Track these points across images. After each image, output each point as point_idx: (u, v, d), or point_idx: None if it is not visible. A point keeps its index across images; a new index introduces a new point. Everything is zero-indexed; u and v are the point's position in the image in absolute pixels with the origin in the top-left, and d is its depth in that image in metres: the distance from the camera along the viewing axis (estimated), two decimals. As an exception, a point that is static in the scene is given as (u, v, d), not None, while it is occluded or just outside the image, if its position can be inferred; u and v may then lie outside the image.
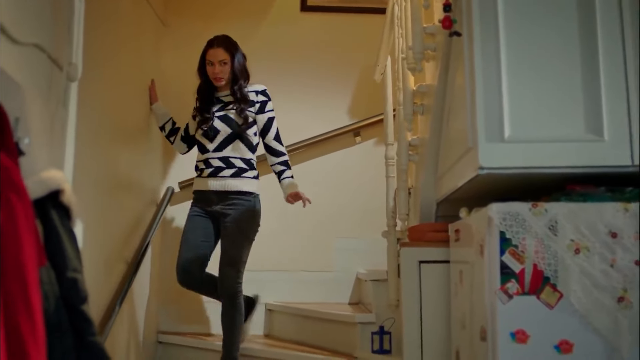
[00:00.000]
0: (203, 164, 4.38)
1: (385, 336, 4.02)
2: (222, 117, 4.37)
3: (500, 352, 2.56)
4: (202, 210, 4.36)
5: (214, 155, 4.34)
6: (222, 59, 4.36)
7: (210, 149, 4.35)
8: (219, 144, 4.33)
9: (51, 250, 1.83)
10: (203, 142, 4.38)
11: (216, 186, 4.31)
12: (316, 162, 5.49)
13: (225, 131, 4.32)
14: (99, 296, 3.39)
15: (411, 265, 3.36)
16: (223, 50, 4.37)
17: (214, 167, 4.32)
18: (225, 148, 4.33)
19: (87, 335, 1.89)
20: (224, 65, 4.36)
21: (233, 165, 4.32)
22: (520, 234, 2.57)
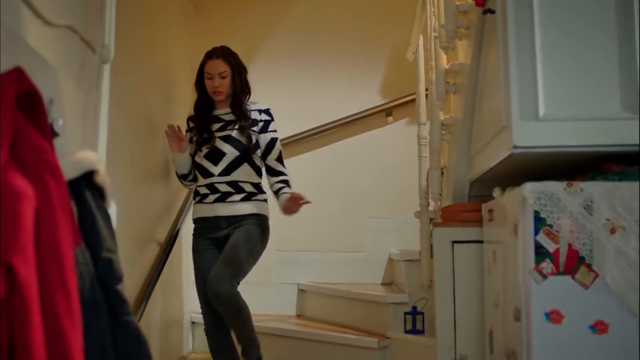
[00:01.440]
0: (206, 188, 3.93)
1: (418, 316, 4.02)
2: (225, 137, 3.94)
3: (534, 332, 2.55)
4: (209, 240, 3.89)
5: (221, 180, 3.90)
6: (222, 71, 3.96)
7: (215, 173, 3.90)
8: (225, 167, 3.90)
9: (86, 230, 1.84)
10: (206, 166, 3.93)
11: (226, 212, 3.88)
12: (347, 143, 5.47)
13: (232, 153, 3.90)
14: (133, 277, 3.42)
15: (444, 245, 3.35)
16: (223, 61, 3.97)
17: (222, 192, 3.90)
18: (233, 172, 3.90)
19: (122, 315, 1.90)
20: (223, 78, 3.96)
21: (242, 189, 3.90)
22: (554, 214, 2.54)
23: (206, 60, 3.99)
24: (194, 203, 4.01)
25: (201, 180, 3.94)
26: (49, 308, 1.46)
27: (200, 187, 3.95)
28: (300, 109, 5.43)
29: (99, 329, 1.80)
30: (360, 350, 4.26)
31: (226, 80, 3.96)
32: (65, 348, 1.46)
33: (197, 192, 3.98)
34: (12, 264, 1.37)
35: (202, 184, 3.93)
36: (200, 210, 3.94)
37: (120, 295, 1.91)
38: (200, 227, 3.92)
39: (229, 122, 3.99)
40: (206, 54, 4.01)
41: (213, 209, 3.88)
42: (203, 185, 3.93)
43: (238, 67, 4.01)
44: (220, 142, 3.92)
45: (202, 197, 3.92)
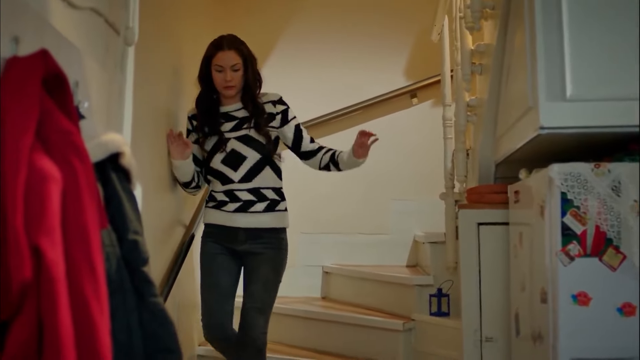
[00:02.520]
0: (225, 195, 3.59)
1: (443, 298, 4.01)
2: (242, 138, 3.58)
3: (561, 314, 2.53)
4: (224, 247, 3.61)
5: (242, 187, 3.55)
6: (234, 63, 3.56)
7: (235, 179, 3.55)
8: (246, 172, 3.55)
9: (112, 212, 1.85)
10: (224, 172, 3.57)
11: (246, 223, 3.55)
12: (372, 125, 5.43)
13: (253, 157, 3.56)
14: (159, 259, 3.43)
15: (469, 227, 3.34)
16: (235, 53, 3.57)
17: (243, 200, 3.55)
18: (254, 177, 3.56)
19: (148, 296, 1.91)
20: (236, 71, 3.57)
21: (265, 197, 3.57)
22: (582, 195, 2.52)
23: (215, 52, 3.57)
24: (207, 207, 3.67)
25: (218, 186, 3.60)
26: (76, 290, 1.46)
27: (217, 192, 3.61)
28: (324, 91, 5.41)
29: (125, 311, 1.81)
30: (385, 332, 4.26)
31: (238, 73, 3.57)
32: (93, 330, 1.47)
33: (213, 197, 3.64)
34: (39, 246, 1.38)
35: (220, 189, 3.59)
36: (217, 217, 3.61)
37: (147, 277, 1.91)
38: (216, 233, 3.61)
39: (243, 119, 3.60)
40: (213, 44, 3.61)
41: (232, 218, 3.56)
42: (221, 192, 3.59)
43: (250, 57, 3.62)
44: (238, 144, 3.56)
45: (220, 204, 3.59)
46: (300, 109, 5.26)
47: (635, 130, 2.55)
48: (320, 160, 3.71)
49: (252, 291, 3.51)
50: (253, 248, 3.53)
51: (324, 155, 3.71)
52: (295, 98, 5.33)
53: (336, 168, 3.70)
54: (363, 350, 4.33)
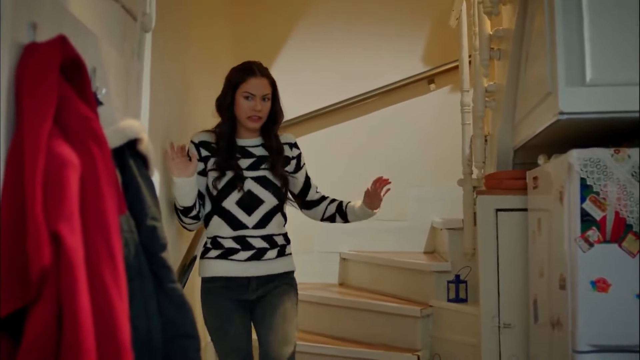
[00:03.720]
0: (234, 242, 3.15)
1: (461, 285, 4.01)
2: (259, 179, 3.18)
3: (580, 300, 2.52)
4: (235, 302, 3.17)
5: (256, 233, 3.16)
6: (266, 93, 3.19)
7: (249, 225, 3.15)
8: (261, 218, 3.16)
9: (130, 198, 1.85)
10: (237, 215, 3.15)
11: (259, 271, 3.17)
12: (389, 111, 5.44)
13: (270, 202, 3.18)
14: (177, 245, 3.44)
15: (488, 214, 3.33)
16: (267, 81, 3.20)
17: (256, 248, 3.16)
18: (268, 223, 3.18)
19: (166, 282, 1.91)
20: (266, 101, 3.19)
21: (276, 243, 3.21)
22: (601, 181, 2.51)
23: (245, 78, 3.17)
24: (207, 257, 3.21)
25: (226, 231, 3.15)
26: (95, 276, 1.47)
27: (223, 238, 3.16)
28: (341, 78, 5.40)
29: (144, 297, 1.82)
30: (402, 318, 4.26)
31: (267, 105, 3.19)
32: (112, 315, 1.47)
33: (219, 244, 3.17)
34: (58, 232, 1.38)
35: (228, 235, 3.15)
36: (225, 268, 3.16)
37: (165, 263, 1.92)
38: (223, 287, 3.16)
39: (261, 158, 3.22)
40: (242, 69, 3.21)
41: (244, 268, 3.14)
42: (229, 238, 3.15)
43: (276, 89, 3.27)
44: (255, 185, 3.16)
45: (228, 252, 3.15)
46: (318, 96, 5.29)
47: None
48: (324, 211, 3.41)
49: (272, 326, 3.13)
50: (265, 291, 3.17)
51: (328, 206, 3.40)
52: (312, 85, 5.36)
53: (343, 219, 3.41)
54: (380, 336, 4.33)
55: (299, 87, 5.20)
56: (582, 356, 2.52)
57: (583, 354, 2.52)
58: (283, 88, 3.26)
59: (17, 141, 1.47)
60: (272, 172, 3.19)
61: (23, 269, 1.36)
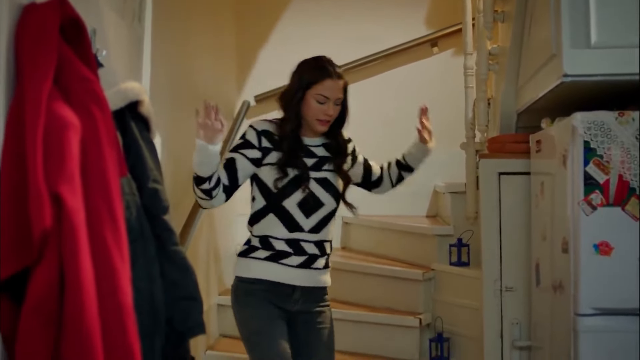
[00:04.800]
0: (287, 245, 2.85)
1: (463, 248, 4.01)
2: (321, 181, 2.90)
3: (582, 264, 2.53)
4: (277, 309, 2.87)
5: (310, 238, 2.87)
6: (340, 97, 2.90)
7: (305, 228, 2.86)
8: (318, 222, 2.88)
9: (132, 161, 1.85)
10: (295, 216, 2.85)
11: (306, 281, 2.88)
12: (392, 75, 5.40)
13: (330, 205, 2.91)
14: (179, 208, 3.44)
15: (490, 177, 3.32)
16: (343, 84, 2.92)
17: (309, 254, 2.87)
18: (323, 228, 2.90)
19: (169, 245, 1.92)
20: (337, 105, 2.91)
21: (325, 251, 2.93)
22: (605, 144, 2.49)
23: (320, 78, 2.86)
24: (253, 257, 2.89)
25: (281, 231, 2.85)
26: (96, 238, 1.47)
27: (275, 239, 2.86)
28: (344, 40, 5.35)
29: (146, 259, 1.82)
30: (405, 281, 4.28)
31: (338, 109, 2.92)
32: (114, 276, 1.47)
33: (269, 244, 2.87)
34: (59, 193, 1.38)
35: (282, 237, 2.85)
36: (274, 271, 2.85)
37: (167, 225, 1.92)
38: (264, 291, 2.85)
39: (322, 158, 2.95)
40: (320, 68, 2.89)
41: (293, 275, 2.86)
42: (282, 240, 2.85)
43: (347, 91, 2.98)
44: (317, 187, 2.88)
45: (279, 256, 2.85)
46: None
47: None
48: (390, 178, 3.16)
49: (317, 352, 2.93)
50: (306, 307, 2.89)
51: (390, 171, 3.16)
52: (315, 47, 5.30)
53: (409, 171, 3.16)
54: (382, 300, 4.34)
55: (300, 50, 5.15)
56: (584, 319, 2.53)
57: (585, 317, 2.53)
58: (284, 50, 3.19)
59: (17, 103, 1.46)
60: (336, 173, 2.93)
61: (25, 231, 1.35)
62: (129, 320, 1.46)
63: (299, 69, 2.94)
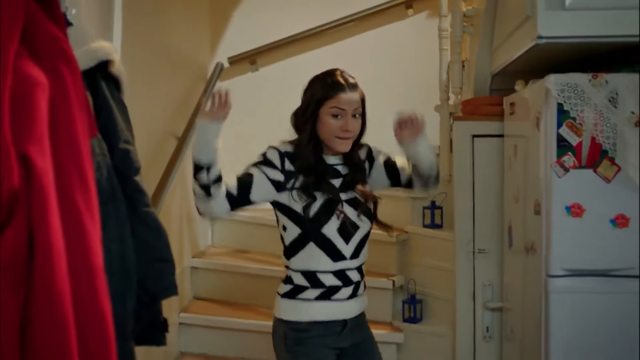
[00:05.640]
0: (336, 278, 2.54)
1: (436, 211, 4.02)
2: (352, 202, 2.58)
3: (554, 225, 2.55)
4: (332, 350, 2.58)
5: (352, 265, 2.57)
6: (357, 106, 2.56)
7: (347, 255, 2.54)
8: (356, 246, 2.57)
9: (102, 121, 1.82)
10: (337, 244, 2.52)
11: (355, 311, 2.60)
12: (366, 37, 5.37)
13: (366, 226, 2.61)
14: (151, 171, 3.41)
15: (464, 140, 3.33)
16: (357, 95, 2.56)
17: (354, 282, 2.58)
18: (361, 251, 2.61)
19: (141, 206, 1.90)
20: (356, 118, 2.56)
21: (363, 274, 2.66)
22: (578, 106, 2.50)
23: (333, 94, 2.52)
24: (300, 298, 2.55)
25: (327, 264, 2.53)
26: (66, 198, 1.44)
27: (324, 273, 2.54)
28: (317, 2, 5.31)
29: (117, 220, 1.80)
30: (378, 244, 4.25)
31: (358, 121, 2.57)
32: (84, 239, 1.45)
33: (317, 280, 2.54)
34: (27, 154, 1.35)
35: (330, 269, 2.53)
36: (326, 311, 2.55)
37: (139, 187, 1.90)
38: (319, 336, 2.54)
39: (346, 177, 2.62)
40: (332, 85, 2.55)
41: (345, 309, 2.57)
42: (330, 273, 2.53)
43: (364, 100, 2.62)
44: (350, 210, 2.56)
45: (331, 291, 2.54)
46: (292, 22, 5.20)
47: (635, 41, 2.51)
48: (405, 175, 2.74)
49: None
50: (358, 337, 2.64)
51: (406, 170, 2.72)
52: (288, 11, 5.27)
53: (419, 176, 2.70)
54: (356, 262, 4.35)
55: (272, 13, 5.13)
56: (556, 280, 2.56)
57: (556, 278, 2.56)
58: (258, 12, 3.12)
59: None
60: (360, 192, 2.62)
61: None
62: (100, 281, 1.45)
63: (310, 85, 2.61)
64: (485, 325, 3.32)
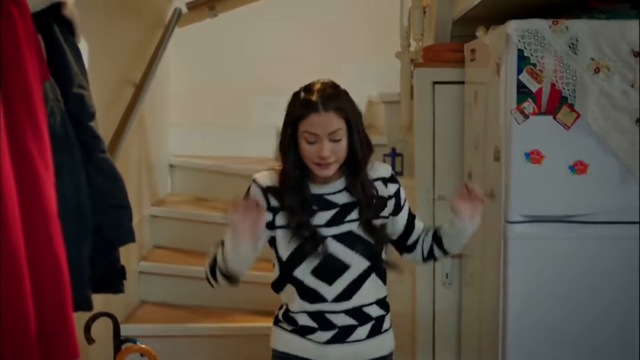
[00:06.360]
0: (311, 319, 2.26)
1: (397, 158, 4.01)
2: (344, 237, 2.22)
3: (513, 172, 2.56)
4: None
5: (337, 308, 2.24)
6: (335, 130, 2.14)
7: (328, 298, 2.23)
8: (345, 288, 2.23)
9: (55, 65, 1.78)
10: (313, 286, 2.23)
11: (345, 357, 2.27)
12: (326, -18, 5.30)
13: (359, 265, 2.23)
14: (107, 118, 3.35)
15: (425, 86, 3.32)
16: (335, 115, 2.14)
17: (339, 327, 2.25)
18: (355, 293, 2.25)
19: (96, 152, 1.87)
20: (336, 141, 2.15)
21: (369, 317, 2.28)
22: (539, 52, 2.50)
23: (305, 114, 2.14)
24: (280, 326, 2.34)
25: (301, 305, 2.26)
26: (17, 144, 1.41)
27: (296, 313, 2.28)
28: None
29: (72, 167, 1.77)
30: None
31: (341, 145, 2.16)
32: (37, 185, 1.43)
33: (290, 317, 2.29)
34: (-25, 97, 1.32)
35: (303, 309, 2.27)
36: (300, 346, 2.29)
37: (94, 132, 1.87)
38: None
39: (346, 207, 2.25)
40: (301, 100, 2.17)
41: (323, 352, 2.27)
42: (304, 313, 2.27)
43: (355, 116, 2.21)
44: (338, 246, 2.22)
45: (303, 331, 2.28)
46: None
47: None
48: (422, 248, 2.37)
49: None
50: None
51: (424, 239, 2.37)
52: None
53: (440, 249, 2.35)
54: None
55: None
56: (514, 226, 2.58)
57: (515, 224, 2.58)
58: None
59: None
60: (364, 224, 2.24)
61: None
62: (54, 227, 1.43)
63: (290, 101, 2.24)
64: (445, 272, 3.34)
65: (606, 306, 2.58)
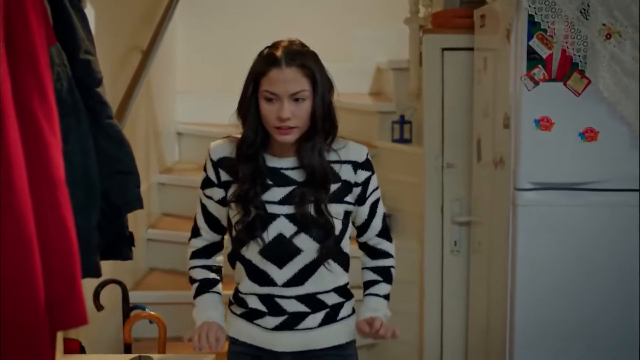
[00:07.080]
0: (260, 302, 2.11)
1: (405, 125, 4.00)
2: (296, 218, 2.03)
3: (523, 139, 2.54)
4: None
5: (288, 293, 2.09)
6: (298, 90, 1.96)
7: (278, 282, 2.07)
8: (296, 272, 2.08)
9: (62, 31, 1.76)
10: (262, 267, 2.07)
11: (295, 345, 2.12)
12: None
13: (311, 250, 2.05)
14: (115, 85, 3.34)
15: (434, 53, 3.29)
16: (299, 71, 1.97)
17: (289, 313, 2.10)
18: (309, 278, 2.09)
19: (103, 118, 1.86)
20: (298, 101, 1.96)
21: (323, 305, 2.13)
22: (549, 18, 2.47)
23: (267, 69, 1.97)
24: (231, 310, 2.19)
25: (250, 286, 2.11)
26: (24, 110, 1.40)
27: (247, 295, 2.13)
28: None
29: (79, 133, 1.76)
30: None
31: (303, 107, 1.97)
32: (44, 151, 1.42)
33: (241, 299, 2.14)
34: (-19, 62, 1.31)
35: (253, 292, 2.11)
36: (249, 333, 2.15)
37: (101, 98, 1.86)
38: (251, 356, 2.16)
39: (301, 185, 2.05)
40: (264, 56, 2.01)
41: (272, 339, 2.12)
42: (253, 295, 2.12)
43: (323, 82, 2.02)
44: (290, 227, 2.05)
45: (252, 314, 2.13)
46: None
47: (607, -49, 2.47)
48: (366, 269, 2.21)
49: None
50: None
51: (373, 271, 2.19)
52: None
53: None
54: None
55: None
56: (523, 193, 2.57)
57: (524, 191, 2.57)
58: None
59: None
60: (318, 207, 2.04)
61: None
62: (62, 194, 1.42)
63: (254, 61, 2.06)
64: (453, 239, 3.34)
65: (615, 272, 2.58)
